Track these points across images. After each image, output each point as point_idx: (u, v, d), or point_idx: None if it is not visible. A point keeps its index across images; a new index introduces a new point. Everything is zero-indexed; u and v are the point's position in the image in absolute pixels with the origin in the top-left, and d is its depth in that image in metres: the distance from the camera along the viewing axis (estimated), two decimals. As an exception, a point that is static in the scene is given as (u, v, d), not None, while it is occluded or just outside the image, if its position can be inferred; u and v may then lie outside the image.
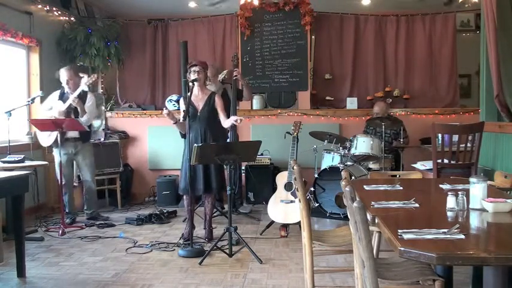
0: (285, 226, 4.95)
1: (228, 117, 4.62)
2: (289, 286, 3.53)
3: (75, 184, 5.83)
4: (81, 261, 4.16)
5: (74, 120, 5.18)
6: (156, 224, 5.46)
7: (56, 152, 5.35)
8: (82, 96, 5.32)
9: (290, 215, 4.88)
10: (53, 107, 5.36)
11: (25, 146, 5.65)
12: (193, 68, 4.49)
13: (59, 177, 5.30)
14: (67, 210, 5.45)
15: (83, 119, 5.28)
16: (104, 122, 6.81)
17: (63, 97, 5.37)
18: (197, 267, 3.94)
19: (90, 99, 5.41)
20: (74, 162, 5.61)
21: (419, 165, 5.24)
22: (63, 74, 5.38)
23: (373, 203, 2.54)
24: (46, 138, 5.29)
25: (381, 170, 5.59)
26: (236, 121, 4.39)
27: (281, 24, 7.12)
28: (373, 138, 5.63)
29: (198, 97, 4.59)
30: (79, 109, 5.25)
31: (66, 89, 5.37)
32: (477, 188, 2.42)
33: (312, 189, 5.68)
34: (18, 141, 5.69)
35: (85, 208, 5.64)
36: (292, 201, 4.92)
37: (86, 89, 5.42)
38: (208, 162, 4.30)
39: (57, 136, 5.16)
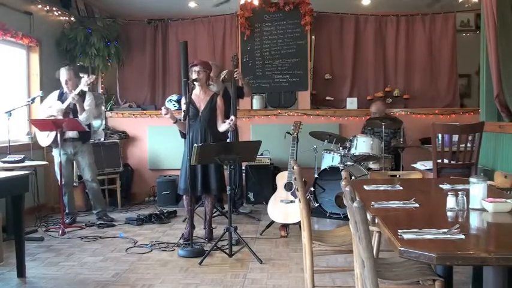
0: (285, 226, 4.94)
1: (227, 116, 4.62)
2: (289, 286, 3.53)
3: (75, 184, 5.84)
4: (81, 261, 4.16)
5: (74, 120, 5.17)
6: (156, 224, 5.46)
7: (55, 152, 5.35)
8: (81, 96, 5.34)
9: (290, 215, 4.88)
10: (52, 106, 5.35)
11: (25, 146, 5.64)
12: (194, 68, 4.49)
13: (58, 177, 5.30)
14: (67, 211, 5.45)
15: (81, 118, 5.27)
16: (103, 122, 6.82)
17: (61, 97, 5.37)
18: (197, 267, 3.94)
19: (88, 99, 5.41)
20: (74, 163, 5.62)
21: (419, 165, 5.24)
22: (63, 74, 5.38)
23: (373, 203, 2.54)
24: (45, 138, 5.30)
25: (381, 170, 5.59)
26: (232, 120, 4.41)
27: (281, 24, 7.11)
28: (373, 138, 5.63)
29: (199, 97, 4.58)
30: (78, 107, 5.26)
31: (65, 89, 5.37)
32: (477, 188, 2.42)
33: (312, 189, 5.68)
34: (18, 141, 5.69)
35: (93, 209, 5.66)
36: (292, 201, 4.92)
37: (85, 89, 5.42)
38: (209, 162, 4.29)
39: (55, 136, 5.16)
